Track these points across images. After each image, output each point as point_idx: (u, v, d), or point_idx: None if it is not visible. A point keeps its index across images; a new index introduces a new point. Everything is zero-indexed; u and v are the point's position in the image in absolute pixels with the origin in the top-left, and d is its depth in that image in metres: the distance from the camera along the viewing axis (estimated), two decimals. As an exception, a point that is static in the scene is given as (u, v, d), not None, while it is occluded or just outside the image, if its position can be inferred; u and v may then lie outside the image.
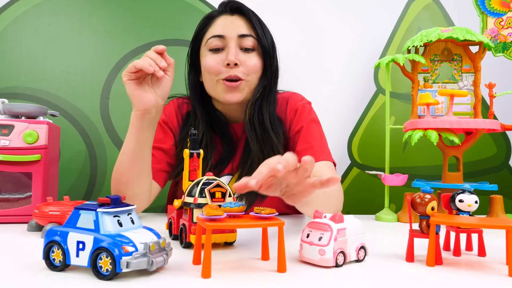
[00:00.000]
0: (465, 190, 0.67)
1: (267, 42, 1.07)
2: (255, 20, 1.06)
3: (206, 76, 1.07)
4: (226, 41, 1.04)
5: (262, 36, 1.06)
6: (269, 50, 1.07)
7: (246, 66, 1.04)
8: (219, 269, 0.58)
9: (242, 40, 1.05)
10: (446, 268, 0.62)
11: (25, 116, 1.05)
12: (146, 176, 0.98)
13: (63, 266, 0.55)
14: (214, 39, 1.05)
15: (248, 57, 1.05)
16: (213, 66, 1.04)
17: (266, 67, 1.08)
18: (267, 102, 1.07)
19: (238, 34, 1.04)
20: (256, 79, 1.07)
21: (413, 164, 1.60)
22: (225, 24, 1.05)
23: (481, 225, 0.62)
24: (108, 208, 0.55)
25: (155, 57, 0.87)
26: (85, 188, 1.52)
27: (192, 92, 1.13)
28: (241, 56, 1.04)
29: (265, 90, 1.07)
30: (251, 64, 1.05)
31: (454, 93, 1.05)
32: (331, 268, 0.60)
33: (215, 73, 1.04)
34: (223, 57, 1.04)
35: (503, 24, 1.23)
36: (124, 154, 0.95)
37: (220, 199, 0.70)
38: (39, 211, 0.82)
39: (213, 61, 1.04)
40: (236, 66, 1.03)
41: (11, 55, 1.52)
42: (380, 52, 1.64)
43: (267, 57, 1.07)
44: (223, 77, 1.03)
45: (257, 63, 1.06)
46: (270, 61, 1.08)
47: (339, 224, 0.62)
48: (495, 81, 1.17)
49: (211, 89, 1.08)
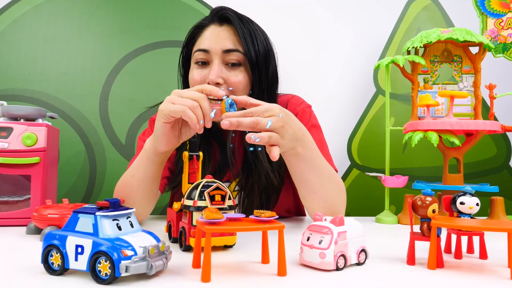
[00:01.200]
0: (466, 192, 0.67)
1: (256, 55, 1.00)
2: (245, 31, 0.99)
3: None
4: (211, 56, 0.99)
5: (250, 50, 0.99)
6: (258, 63, 1.00)
7: (230, 84, 0.98)
8: (219, 273, 0.58)
9: (227, 55, 0.98)
10: (448, 271, 0.61)
11: (24, 119, 1.05)
12: (153, 198, 0.96)
13: (61, 270, 0.54)
14: (199, 53, 1.00)
15: (233, 74, 0.99)
16: (197, 81, 0.99)
17: (254, 82, 1.01)
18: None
19: (223, 49, 0.98)
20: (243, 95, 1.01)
21: (413, 165, 1.59)
22: (211, 36, 1.00)
23: (483, 228, 0.62)
24: (107, 212, 0.55)
25: (206, 109, 0.78)
26: (84, 190, 1.52)
27: None
28: (224, 73, 0.98)
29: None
30: (236, 80, 0.99)
31: (454, 94, 1.05)
32: (331, 271, 0.59)
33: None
34: (206, 73, 0.99)
35: (503, 25, 1.22)
36: (133, 178, 0.91)
37: (220, 201, 0.70)
38: (38, 214, 0.82)
39: (198, 76, 1.00)
40: (218, 85, 0.97)
41: (9, 57, 1.51)
42: (380, 53, 1.63)
43: (255, 71, 1.00)
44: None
45: (243, 80, 0.99)
46: (259, 75, 1.01)
47: (340, 227, 0.61)
48: (495, 82, 1.16)
49: None
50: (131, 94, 1.56)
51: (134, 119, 1.56)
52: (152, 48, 1.59)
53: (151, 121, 1.08)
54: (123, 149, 1.54)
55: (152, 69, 1.57)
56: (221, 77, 0.97)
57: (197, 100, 0.77)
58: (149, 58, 1.58)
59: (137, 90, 1.56)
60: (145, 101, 1.47)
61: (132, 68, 1.57)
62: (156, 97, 1.27)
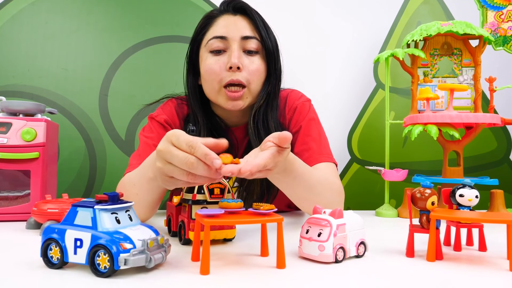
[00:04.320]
0: (466, 185, 0.67)
1: (271, 44, 1.01)
2: (259, 21, 1.01)
3: (206, 80, 1.01)
4: (228, 43, 0.98)
5: (266, 38, 1.00)
6: (273, 52, 1.02)
7: (248, 71, 0.98)
8: (218, 266, 0.58)
9: (245, 42, 0.98)
10: (447, 263, 0.62)
11: (23, 114, 1.05)
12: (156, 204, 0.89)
13: (61, 264, 0.55)
14: (216, 40, 0.98)
15: (251, 60, 0.99)
16: (214, 69, 0.98)
17: (270, 71, 1.02)
18: (271, 108, 1.03)
19: (241, 35, 0.98)
20: (260, 84, 1.01)
21: (413, 159, 1.59)
22: (227, 24, 0.99)
23: (482, 220, 0.62)
24: (106, 205, 0.55)
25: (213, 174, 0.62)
26: (84, 186, 1.52)
27: (192, 96, 1.06)
28: (244, 59, 0.98)
29: (269, 96, 1.02)
30: (254, 68, 0.99)
31: (454, 87, 1.05)
32: (330, 263, 0.59)
33: (217, 77, 0.98)
34: (225, 59, 0.98)
35: (503, 18, 1.22)
36: (135, 187, 0.84)
37: (219, 195, 0.70)
38: (37, 209, 0.82)
39: (214, 64, 0.98)
40: (238, 70, 0.97)
41: (9, 53, 1.51)
42: (380, 47, 1.63)
43: (271, 60, 1.02)
44: (224, 82, 0.97)
45: (261, 67, 1.00)
46: (275, 65, 1.02)
47: (339, 219, 0.61)
48: (495, 75, 1.16)
49: (211, 95, 1.02)
50: (131, 90, 1.56)
51: (134, 115, 1.55)
52: (152, 44, 1.58)
53: (150, 118, 1.07)
54: (123, 144, 1.54)
55: (151, 65, 1.57)
56: (241, 63, 0.97)
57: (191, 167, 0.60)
58: (148, 53, 1.58)
59: (137, 86, 1.56)
60: (145, 96, 1.46)
61: (132, 64, 1.57)
62: (156, 92, 1.27)
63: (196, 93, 1.06)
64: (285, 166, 0.75)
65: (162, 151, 0.62)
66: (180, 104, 1.10)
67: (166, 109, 1.08)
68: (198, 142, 0.59)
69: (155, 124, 1.05)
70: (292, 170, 0.79)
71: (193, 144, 0.59)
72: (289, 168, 0.77)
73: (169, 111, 1.08)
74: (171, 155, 0.60)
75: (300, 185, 0.84)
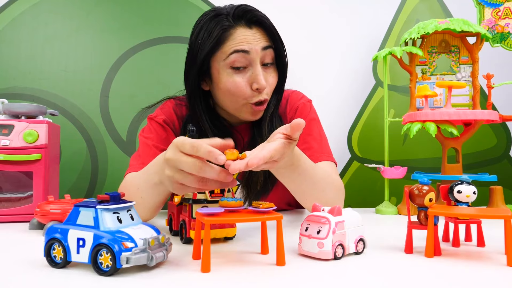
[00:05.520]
0: (463, 181, 0.68)
1: (285, 54, 1.01)
2: (276, 33, 0.99)
3: (227, 96, 0.98)
4: (251, 57, 0.95)
5: (281, 48, 1.00)
6: (286, 63, 1.02)
7: (269, 85, 0.99)
8: (219, 263, 0.59)
9: (264, 53, 0.96)
10: (445, 259, 0.62)
11: (24, 116, 1.05)
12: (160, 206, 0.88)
13: (64, 263, 0.55)
14: (238, 55, 0.94)
15: (269, 74, 0.99)
16: (240, 88, 0.96)
17: (282, 81, 1.03)
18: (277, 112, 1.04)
19: (262, 47, 0.96)
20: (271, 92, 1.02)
21: (413, 156, 1.60)
22: (246, 38, 0.95)
23: (480, 215, 0.63)
24: (108, 205, 0.56)
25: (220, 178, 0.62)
26: (86, 187, 1.53)
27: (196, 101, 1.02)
28: (266, 76, 0.98)
29: (278, 102, 1.04)
30: (272, 82, 1.00)
31: (452, 84, 1.05)
32: (330, 260, 0.60)
33: (242, 95, 0.96)
34: (249, 77, 0.96)
35: (500, 15, 1.22)
36: (139, 191, 0.83)
37: (219, 194, 0.71)
38: (40, 210, 0.83)
39: (240, 82, 0.96)
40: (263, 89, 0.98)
41: (10, 56, 1.52)
42: (378, 45, 1.63)
43: (285, 70, 1.02)
44: (252, 101, 0.97)
45: (276, 79, 1.01)
46: (285, 73, 1.03)
47: (338, 217, 0.62)
48: (493, 71, 1.17)
49: (232, 108, 1.01)
50: (132, 91, 1.57)
51: (134, 116, 1.56)
52: (152, 44, 1.59)
53: (149, 119, 1.08)
54: (124, 145, 1.55)
55: (152, 65, 1.58)
56: (267, 82, 0.98)
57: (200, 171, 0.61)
58: (148, 54, 1.59)
59: (137, 87, 1.57)
60: (146, 97, 1.47)
61: (132, 65, 1.57)
62: (157, 93, 1.28)
63: (200, 97, 1.02)
64: (292, 160, 0.75)
65: (171, 159, 0.63)
66: (178, 105, 1.10)
67: (165, 110, 1.09)
68: (201, 142, 0.60)
69: (154, 124, 1.06)
70: (298, 165, 0.79)
71: (195, 144, 0.60)
72: (296, 163, 0.78)
73: (168, 111, 1.09)
74: (179, 162, 0.61)
75: (305, 181, 0.84)
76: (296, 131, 0.64)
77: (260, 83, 0.95)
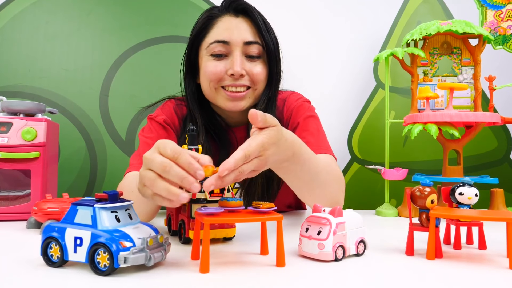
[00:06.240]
0: (465, 183, 0.67)
1: (273, 47, 1.00)
2: (262, 23, 0.99)
3: (204, 82, 1.01)
4: (231, 48, 0.97)
5: (269, 42, 0.99)
6: (275, 56, 1.01)
7: (252, 74, 0.98)
8: (218, 264, 0.58)
9: (248, 47, 0.97)
10: (446, 261, 0.62)
11: (23, 114, 1.05)
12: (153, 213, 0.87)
13: (61, 262, 0.55)
14: (217, 44, 0.97)
15: (254, 65, 0.99)
16: (214, 72, 0.97)
17: (271, 74, 1.02)
18: (271, 110, 1.02)
19: (244, 41, 0.97)
20: (262, 87, 1.02)
21: (414, 158, 1.59)
22: (229, 27, 0.97)
23: (481, 218, 0.62)
24: (106, 204, 0.55)
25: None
26: (85, 186, 1.52)
27: (190, 97, 1.05)
28: (246, 64, 0.98)
29: (270, 100, 1.03)
30: (256, 72, 0.99)
31: (453, 86, 1.05)
32: (330, 262, 0.60)
33: (217, 80, 0.98)
34: (226, 64, 0.97)
35: (502, 17, 1.22)
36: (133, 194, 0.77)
37: (219, 194, 0.70)
38: (38, 208, 0.82)
39: (216, 68, 0.97)
40: (241, 77, 0.97)
41: (9, 54, 1.52)
42: (380, 47, 1.63)
43: (273, 64, 1.01)
44: (224, 84, 0.98)
45: (263, 71, 1.00)
46: (276, 67, 1.02)
47: (338, 218, 0.61)
48: (495, 74, 1.16)
49: (210, 95, 1.02)
50: (131, 90, 1.56)
51: (134, 115, 1.56)
52: (152, 44, 1.59)
53: (149, 118, 1.07)
54: (123, 145, 1.54)
55: (152, 65, 1.57)
56: (244, 68, 0.97)
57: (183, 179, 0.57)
58: (148, 54, 1.58)
59: (137, 86, 1.56)
60: (146, 97, 1.46)
61: (132, 64, 1.57)
62: (157, 92, 1.27)
63: (195, 93, 1.05)
64: (293, 150, 0.71)
65: (146, 157, 0.59)
66: (179, 105, 1.10)
67: (165, 110, 1.08)
68: (185, 151, 0.57)
69: (154, 124, 1.05)
70: (300, 153, 0.75)
71: (178, 150, 0.57)
72: (298, 152, 0.74)
73: (168, 111, 1.08)
74: (152, 160, 0.57)
75: (308, 172, 0.80)
76: (255, 119, 0.61)
77: (234, 68, 0.95)
